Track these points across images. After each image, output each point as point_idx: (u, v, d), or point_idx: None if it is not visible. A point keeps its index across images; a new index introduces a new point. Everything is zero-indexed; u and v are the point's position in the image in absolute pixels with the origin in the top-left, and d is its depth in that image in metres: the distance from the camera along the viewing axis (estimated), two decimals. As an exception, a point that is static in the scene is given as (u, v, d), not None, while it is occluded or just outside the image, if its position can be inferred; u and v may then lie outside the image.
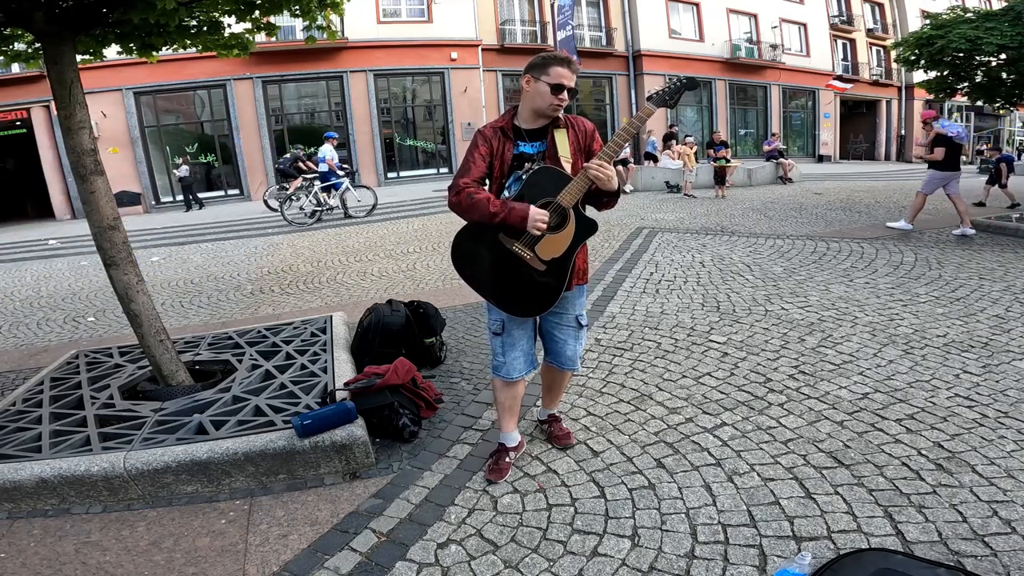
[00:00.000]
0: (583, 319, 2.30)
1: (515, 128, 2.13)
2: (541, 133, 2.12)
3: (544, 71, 2.01)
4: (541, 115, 2.09)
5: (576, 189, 1.98)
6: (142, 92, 15.78)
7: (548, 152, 2.10)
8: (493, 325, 2.25)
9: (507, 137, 2.12)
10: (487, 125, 2.17)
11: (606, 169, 1.94)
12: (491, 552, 1.89)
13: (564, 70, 2.00)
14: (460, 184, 2.05)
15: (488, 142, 2.10)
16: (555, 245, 2.03)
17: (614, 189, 2.02)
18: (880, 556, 1.66)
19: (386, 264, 6.73)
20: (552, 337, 2.30)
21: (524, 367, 2.25)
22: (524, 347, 2.24)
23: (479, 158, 2.08)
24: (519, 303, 2.12)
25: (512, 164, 2.12)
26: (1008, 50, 8.60)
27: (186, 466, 2.31)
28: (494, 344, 2.28)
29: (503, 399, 2.32)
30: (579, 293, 2.27)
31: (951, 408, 2.59)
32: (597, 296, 4.66)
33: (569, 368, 2.34)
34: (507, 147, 2.11)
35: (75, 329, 5.08)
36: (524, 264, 2.04)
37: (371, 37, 16.83)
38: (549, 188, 2.00)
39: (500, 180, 2.14)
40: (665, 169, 13.87)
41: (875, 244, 6.14)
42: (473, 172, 2.07)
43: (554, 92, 2.01)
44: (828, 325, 3.75)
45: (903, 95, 27.69)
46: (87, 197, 2.87)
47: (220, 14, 3.35)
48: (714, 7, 22.29)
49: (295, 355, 3.33)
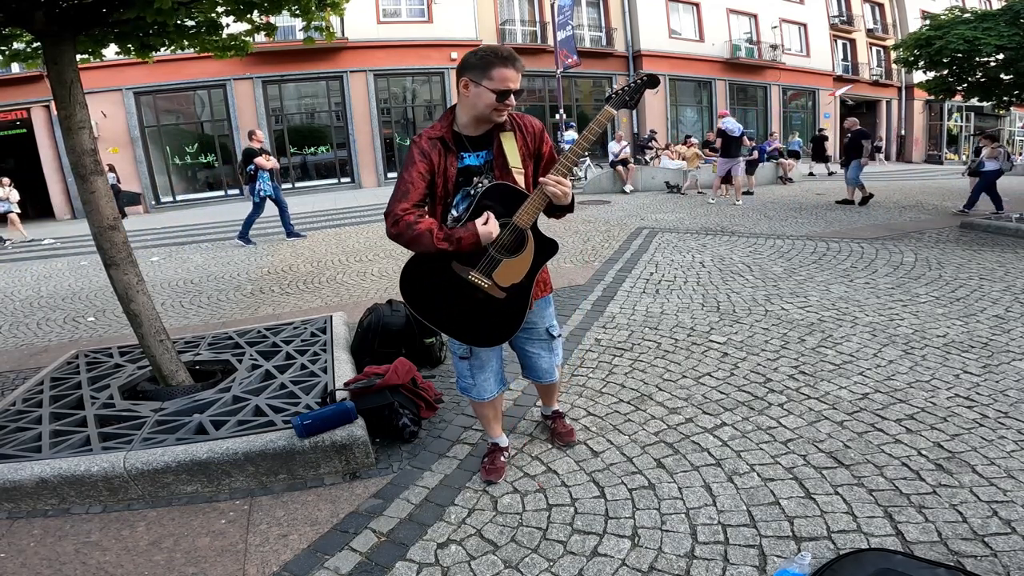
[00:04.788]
0: (554, 330, 2.18)
1: (455, 136, 1.90)
2: (485, 140, 1.90)
3: (485, 74, 1.76)
4: (484, 121, 1.87)
5: (533, 207, 1.81)
6: (142, 92, 15.79)
7: (496, 162, 1.89)
8: (459, 350, 2.10)
9: (448, 149, 1.88)
10: (423, 135, 1.89)
11: (563, 185, 1.79)
12: (491, 552, 1.89)
13: (509, 71, 1.76)
14: (398, 212, 1.80)
15: (427, 157, 1.85)
16: (514, 270, 1.87)
17: (567, 203, 1.85)
18: (880, 556, 1.66)
19: (386, 264, 6.73)
20: (524, 353, 2.21)
21: (495, 387, 2.16)
22: (494, 367, 2.14)
23: (418, 177, 1.84)
24: (479, 333, 1.95)
25: (458, 180, 1.89)
26: (1006, 50, 8.62)
27: (186, 466, 2.31)
28: (460, 368, 2.15)
29: (482, 413, 2.27)
30: (545, 304, 2.15)
31: (951, 408, 2.59)
32: (597, 296, 4.66)
33: (547, 380, 2.26)
34: (449, 161, 1.88)
35: (75, 329, 5.08)
36: (482, 293, 1.88)
37: (371, 37, 16.85)
38: (503, 208, 1.83)
39: (445, 200, 1.91)
40: (665, 169, 13.89)
41: (875, 244, 6.14)
42: (412, 195, 1.83)
43: (500, 100, 1.78)
44: (828, 325, 3.75)
45: (903, 95, 27.70)
46: (87, 197, 2.87)
47: (219, 14, 3.35)
48: (714, 7, 22.30)
49: (295, 355, 3.33)
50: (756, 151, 13.52)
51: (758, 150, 13.87)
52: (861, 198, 9.65)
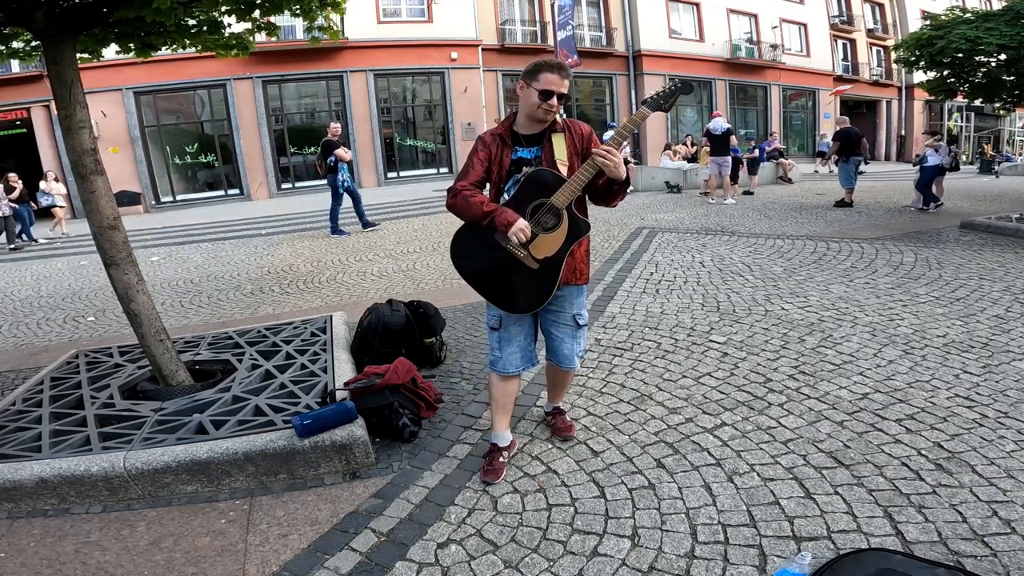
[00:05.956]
0: (581, 319, 2.31)
1: (513, 134, 2.19)
2: (538, 138, 2.16)
3: (535, 77, 2.05)
4: (536, 120, 2.14)
5: (571, 189, 2.03)
6: (142, 92, 15.78)
7: (544, 156, 2.14)
8: (491, 320, 2.30)
9: (505, 143, 2.18)
10: (488, 131, 2.25)
11: (614, 155, 1.95)
12: (491, 552, 1.89)
13: (554, 76, 2.04)
14: (458, 187, 2.14)
15: (487, 147, 2.17)
16: (549, 245, 2.09)
17: (622, 177, 2.01)
18: (880, 556, 1.66)
19: (386, 264, 6.73)
20: (550, 335, 2.33)
21: (520, 363, 2.29)
22: (521, 343, 2.28)
23: (478, 163, 2.17)
24: (512, 300, 2.17)
25: (510, 169, 2.17)
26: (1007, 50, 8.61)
27: (186, 466, 2.31)
28: (491, 339, 2.32)
29: (497, 394, 2.33)
30: (578, 292, 2.28)
31: (951, 408, 2.59)
32: (597, 296, 4.66)
33: (566, 366, 2.36)
34: (505, 152, 2.17)
35: (75, 329, 5.08)
36: (518, 262, 2.09)
37: (371, 37, 16.84)
38: (543, 189, 2.06)
39: (499, 184, 2.20)
40: (665, 169, 13.89)
41: (875, 244, 6.14)
42: (471, 176, 2.15)
43: (542, 98, 2.05)
44: (828, 325, 3.75)
45: (903, 95, 27.71)
46: (87, 197, 2.87)
47: (220, 14, 3.35)
48: (714, 7, 22.29)
49: (295, 355, 3.33)
50: (756, 150, 13.64)
51: (758, 149, 13.97)
52: (840, 199, 9.64)
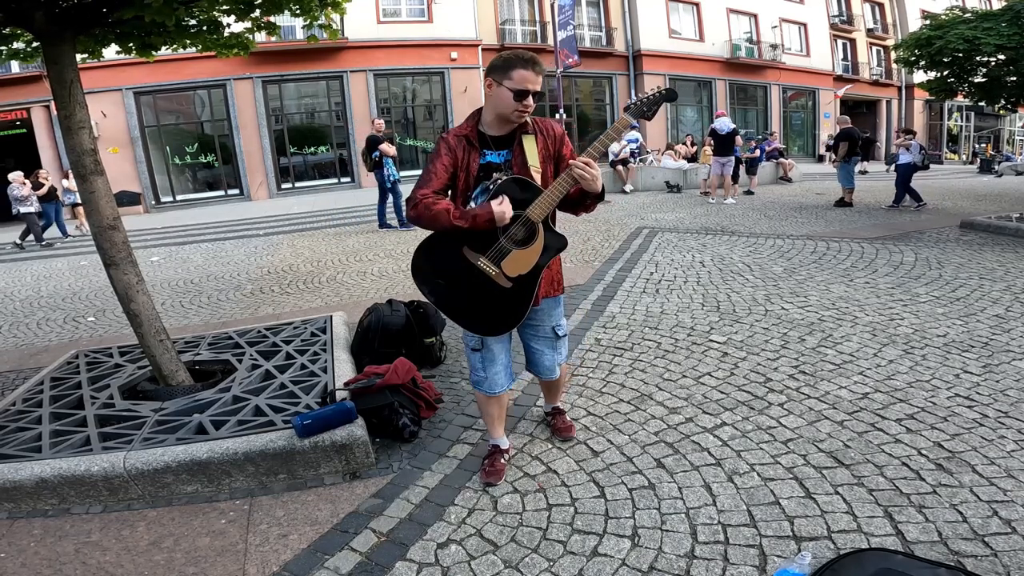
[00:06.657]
0: (560, 330, 2.23)
1: (480, 135, 1.99)
2: (508, 140, 1.99)
3: (506, 75, 1.86)
4: (506, 121, 1.96)
5: (547, 202, 1.88)
6: (142, 92, 15.79)
7: (516, 161, 1.97)
8: (471, 341, 2.15)
9: (472, 146, 1.98)
10: (451, 131, 2.02)
11: (592, 168, 1.83)
12: (491, 552, 1.89)
13: (528, 72, 1.85)
14: (418, 196, 1.91)
15: (452, 152, 1.97)
16: (522, 261, 1.93)
17: (598, 191, 1.90)
18: (880, 556, 1.66)
19: (386, 264, 6.73)
20: (529, 348, 2.26)
21: (506, 381, 2.20)
22: (504, 361, 2.18)
23: (442, 169, 1.95)
24: (482, 321, 2.02)
25: (478, 175, 1.99)
26: (1007, 50, 8.61)
27: (186, 466, 2.31)
28: (472, 359, 2.19)
29: (489, 411, 2.29)
30: (555, 304, 2.19)
31: (951, 408, 2.59)
32: (597, 296, 4.66)
33: (547, 377, 2.30)
34: (472, 157, 1.98)
35: (75, 329, 5.08)
36: (488, 280, 1.94)
37: (371, 37, 16.85)
38: (518, 200, 1.90)
39: (466, 193, 2.00)
40: (665, 169, 13.89)
41: (875, 244, 6.14)
42: (433, 183, 1.93)
43: (517, 99, 1.87)
44: (828, 325, 3.75)
45: (903, 95, 27.71)
46: (87, 197, 2.87)
47: (220, 13, 3.35)
48: (714, 7, 22.30)
49: (295, 355, 3.33)
50: (757, 150, 13.65)
51: (758, 149, 13.97)
52: (839, 198, 9.68)
